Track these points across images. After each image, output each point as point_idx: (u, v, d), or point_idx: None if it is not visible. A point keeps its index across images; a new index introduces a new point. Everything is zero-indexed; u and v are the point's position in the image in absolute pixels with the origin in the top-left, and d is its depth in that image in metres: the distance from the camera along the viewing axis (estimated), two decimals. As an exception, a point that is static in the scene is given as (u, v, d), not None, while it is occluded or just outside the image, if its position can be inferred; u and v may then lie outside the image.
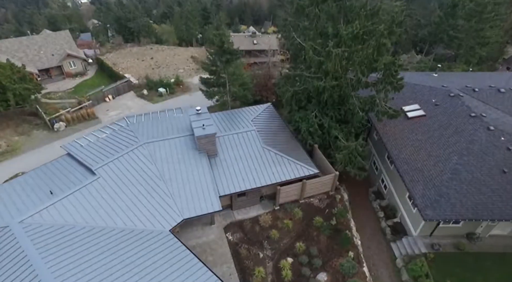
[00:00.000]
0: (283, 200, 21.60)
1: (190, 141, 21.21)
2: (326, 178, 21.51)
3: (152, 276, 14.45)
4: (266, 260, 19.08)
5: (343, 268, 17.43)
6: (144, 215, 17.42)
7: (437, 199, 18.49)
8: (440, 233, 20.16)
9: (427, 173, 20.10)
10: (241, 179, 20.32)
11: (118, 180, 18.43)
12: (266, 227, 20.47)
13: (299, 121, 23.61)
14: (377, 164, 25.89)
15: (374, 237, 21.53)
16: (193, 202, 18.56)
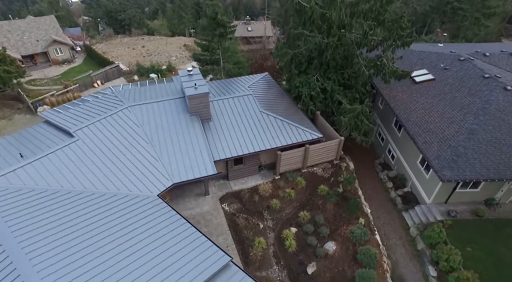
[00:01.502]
0: (284, 169, 19.71)
1: (181, 103, 19.25)
2: (330, 143, 19.68)
3: (139, 240, 12.43)
4: (267, 231, 17.16)
5: (353, 235, 15.57)
6: (128, 178, 15.42)
7: (454, 159, 16.75)
8: (456, 200, 18.42)
9: (441, 134, 18.38)
10: (238, 143, 18.41)
11: (99, 142, 16.39)
12: (266, 196, 18.55)
13: (300, 86, 21.74)
14: (382, 134, 24.15)
15: (383, 207, 19.72)
16: (184, 165, 16.58)
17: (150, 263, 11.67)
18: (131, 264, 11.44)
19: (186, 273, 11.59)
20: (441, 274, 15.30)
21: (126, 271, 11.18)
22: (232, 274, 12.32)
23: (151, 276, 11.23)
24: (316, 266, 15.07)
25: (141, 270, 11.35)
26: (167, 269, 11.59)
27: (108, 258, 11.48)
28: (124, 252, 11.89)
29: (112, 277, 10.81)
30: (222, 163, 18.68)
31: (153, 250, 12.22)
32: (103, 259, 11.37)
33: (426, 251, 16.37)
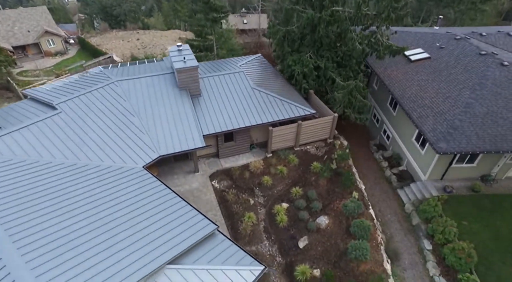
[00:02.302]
0: (276, 146, 19.19)
1: (171, 78, 18.70)
2: (324, 119, 19.19)
3: (121, 207, 11.87)
4: (258, 207, 16.63)
5: (346, 208, 15.06)
6: (113, 150, 14.86)
7: (450, 131, 16.30)
8: (452, 176, 17.97)
9: (436, 108, 17.94)
10: (228, 118, 17.88)
11: (83, 115, 15.81)
12: (257, 173, 18.03)
13: (292, 65, 21.25)
14: (378, 115, 23.70)
15: (378, 185, 19.24)
16: (172, 138, 16.04)
17: (132, 229, 11.12)
18: (113, 232, 10.88)
19: (170, 239, 11.06)
20: (436, 247, 14.82)
21: (110, 241, 10.61)
22: (218, 243, 11.81)
23: (133, 241, 10.68)
24: (308, 240, 14.56)
25: (122, 236, 10.80)
26: (151, 235, 11.06)
27: (90, 228, 10.90)
28: (106, 221, 11.32)
29: (96, 248, 10.23)
30: (212, 139, 18.16)
31: (136, 217, 11.68)
32: (85, 230, 10.78)
33: (421, 226, 15.90)
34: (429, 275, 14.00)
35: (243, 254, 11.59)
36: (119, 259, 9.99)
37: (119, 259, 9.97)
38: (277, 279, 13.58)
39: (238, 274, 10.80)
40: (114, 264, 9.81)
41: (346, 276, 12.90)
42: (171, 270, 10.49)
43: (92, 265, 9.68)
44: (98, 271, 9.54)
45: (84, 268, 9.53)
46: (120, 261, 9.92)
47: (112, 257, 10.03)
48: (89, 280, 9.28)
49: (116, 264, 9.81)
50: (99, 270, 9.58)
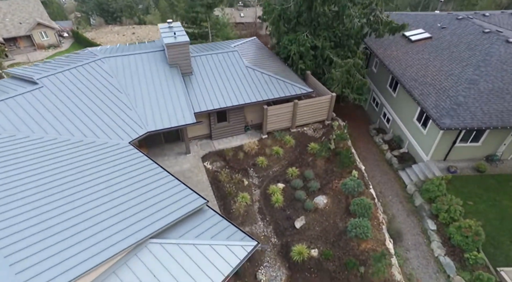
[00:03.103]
0: (272, 127, 18.33)
1: (161, 56, 17.81)
2: (321, 99, 18.34)
3: (105, 186, 10.91)
4: (252, 188, 15.76)
5: (346, 187, 14.20)
6: (97, 125, 13.96)
7: (454, 107, 15.50)
8: (456, 157, 17.17)
9: (438, 85, 17.14)
10: (221, 96, 17.01)
11: (67, 90, 14.88)
12: (251, 154, 17.16)
13: (288, 45, 20.42)
14: (377, 98, 22.91)
15: (378, 167, 18.43)
16: (161, 114, 15.16)
17: (113, 202, 10.22)
18: (92, 205, 9.98)
19: (154, 212, 10.17)
20: (440, 227, 14.00)
21: (88, 213, 9.71)
22: (207, 218, 10.94)
23: (113, 214, 9.78)
24: (305, 220, 13.69)
25: (102, 208, 9.90)
26: (133, 208, 10.15)
27: (67, 201, 9.97)
28: (85, 194, 10.41)
29: (70, 220, 9.29)
30: (204, 119, 17.29)
31: (117, 190, 10.77)
32: (61, 203, 9.86)
33: (425, 206, 15.07)
34: (434, 256, 13.16)
35: (234, 229, 10.72)
36: (95, 232, 9.07)
37: (95, 232, 9.06)
38: (272, 259, 12.71)
39: (229, 249, 9.93)
40: (89, 237, 8.90)
41: (345, 256, 12.04)
42: (154, 244, 9.59)
43: (66, 237, 8.77)
44: (70, 244, 8.63)
45: (56, 241, 8.62)
46: (96, 235, 9.01)
47: (89, 230, 9.11)
48: (63, 251, 8.38)
49: (91, 238, 8.90)
50: (72, 243, 8.67)
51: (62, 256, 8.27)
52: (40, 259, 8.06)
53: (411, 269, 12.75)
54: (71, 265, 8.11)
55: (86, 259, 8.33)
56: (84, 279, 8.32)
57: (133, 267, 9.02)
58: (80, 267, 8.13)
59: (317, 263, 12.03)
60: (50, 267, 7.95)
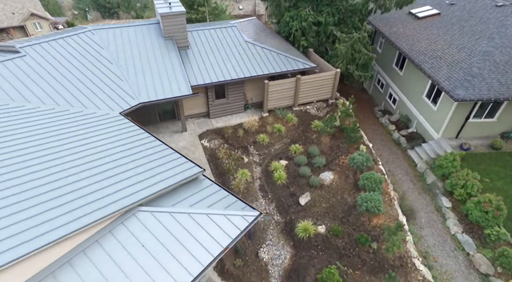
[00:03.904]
0: (273, 105, 17.30)
1: (155, 28, 16.75)
2: (325, 74, 17.32)
3: (91, 153, 9.84)
4: (253, 166, 14.72)
5: (354, 161, 13.17)
6: (85, 95, 12.89)
7: (468, 79, 14.52)
8: (468, 134, 16.18)
9: (450, 59, 16.17)
10: (219, 70, 15.97)
11: (52, 60, 13.79)
12: (252, 131, 16.12)
13: (290, 21, 19.41)
14: (382, 80, 21.92)
15: (386, 147, 17.43)
16: (154, 86, 14.12)
17: (98, 169, 9.16)
18: (75, 170, 8.91)
19: (143, 179, 9.12)
20: (456, 204, 13.00)
21: (69, 179, 8.64)
22: (204, 187, 9.89)
23: (97, 180, 8.72)
24: (310, 196, 12.65)
25: (85, 174, 8.84)
26: (120, 175, 9.10)
27: (46, 166, 8.88)
28: (65, 160, 9.33)
29: (48, 185, 8.23)
30: (201, 96, 16.26)
31: (104, 157, 9.72)
32: (40, 167, 8.79)
33: (438, 183, 14.07)
34: (450, 233, 12.14)
35: (234, 199, 9.68)
36: (75, 197, 7.99)
37: (75, 198, 7.97)
38: (274, 237, 11.66)
39: (228, 219, 8.87)
40: (68, 202, 7.83)
41: (356, 232, 11.01)
42: (144, 213, 8.53)
43: (43, 201, 7.70)
44: (48, 208, 7.56)
45: (32, 204, 7.56)
46: (76, 200, 7.93)
47: (69, 195, 8.05)
48: (41, 214, 7.32)
49: (71, 203, 7.82)
50: (51, 207, 7.61)
51: (38, 219, 7.22)
52: (17, 220, 7.04)
53: (426, 247, 11.73)
54: (47, 229, 7.06)
55: (64, 223, 7.27)
56: (62, 246, 7.27)
57: (118, 235, 7.96)
58: (58, 231, 7.07)
59: (324, 240, 11.00)
60: (27, 228, 6.92)
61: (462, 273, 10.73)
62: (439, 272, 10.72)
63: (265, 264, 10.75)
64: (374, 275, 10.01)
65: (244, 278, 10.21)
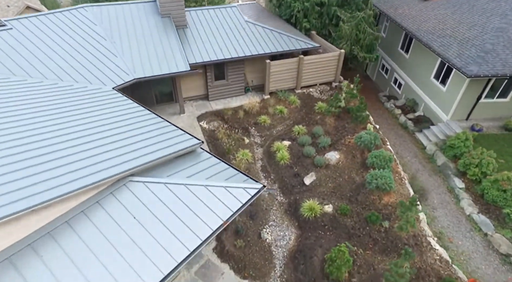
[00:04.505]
0: (275, 87, 16.56)
1: (151, 7, 16.00)
2: (329, 55, 16.59)
3: (80, 123, 9.07)
4: (254, 147, 13.97)
5: (361, 140, 12.44)
6: (76, 70, 12.16)
7: (481, 55, 13.82)
8: (479, 115, 15.47)
9: (460, 37, 15.47)
10: (218, 48, 15.23)
11: (41, 33, 13.04)
12: (253, 113, 15.38)
13: (292, 2, 18.70)
14: (386, 65, 21.21)
15: (392, 130, 16.71)
16: (150, 61, 13.39)
17: (88, 138, 8.39)
18: (60, 139, 8.14)
19: (136, 149, 8.36)
20: (470, 185, 12.27)
21: (54, 147, 7.87)
22: (202, 159, 9.14)
23: (85, 149, 7.95)
24: (316, 176, 11.89)
25: (73, 142, 8.07)
26: (112, 144, 8.33)
27: (31, 133, 8.10)
28: (50, 129, 8.57)
29: (44, 156, 7.45)
30: (200, 77, 15.52)
31: (94, 127, 8.96)
32: (25, 134, 8.03)
33: (449, 164, 13.34)
34: (465, 214, 11.40)
35: (234, 172, 8.94)
36: (57, 165, 7.20)
37: (56, 166, 7.18)
38: (278, 218, 10.90)
39: (228, 192, 8.10)
40: (50, 169, 7.06)
41: (365, 211, 10.25)
42: (135, 183, 7.76)
43: (24, 167, 6.93)
44: (29, 174, 6.80)
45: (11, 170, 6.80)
46: (59, 168, 7.14)
47: (51, 163, 7.27)
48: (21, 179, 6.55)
49: (53, 170, 7.04)
50: (31, 173, 6.84)
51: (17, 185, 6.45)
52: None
53: (440, 227, 10.98)
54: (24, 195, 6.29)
55: (42, 191, 6.49)
56: (44, 214, 6.51)
57: (107, 206, 7.19)
58: (37, 197, 6.30)
59: (332, 219, 10.24)
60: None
61: (481, 254, 9.98)
62: (455, 253, 9.98)
63: (268, 245, 9.99)
64: (386, 255, 9.26)
65: (246, 259, 9.45)
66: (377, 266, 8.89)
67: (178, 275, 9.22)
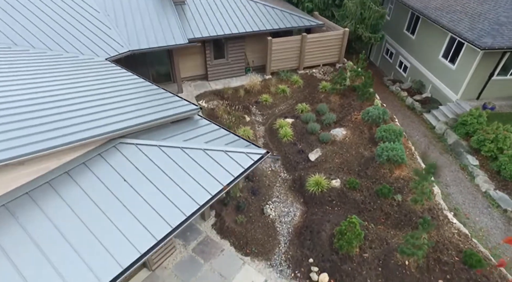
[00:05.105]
0: (277, 66, 15.89)
1: (146, -18, 15.33)
2: (333, 34, 15.92)
3: (69, 87, 8.37)
4: (255, 125, 13.27)
5: (369, 115, 11.75)
6: (66, 40, 11.47)
7: (495, 28, 13.17)
8: (492, 93, 14.80)
9: (471, 12, 14.83)
10: (218, 24, 14.54)
11: (27, 3, 12.31)
12: (254, 92, 14.70)
13: (294, -19, 18.10)
14: (391, 49, 20.55)
15: (399, 112, 16.03)
16: (146, 34, 12.72)
17: (77, 99, 7.69)
18: (50, 102, 7.44)
19: (129, 111, 7.67)
20: (484, 162, 11.59)
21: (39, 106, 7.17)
22: (200, 125, 8.45)
23: (74, 109, 7.25)
24: (321, 152, 11.19)
25: (62, 102, 7.38)
26: (103, 106, 7.63)
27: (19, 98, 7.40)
28: (44, 92, 7.86)
29: (28, 114, 6.76)
30: (199, 55, 14.86)
31: (84, 91, 8.26)
32: (16, 98, 7.33)
33: (461, 142, 12.65)
34: (481, 191, 10.71)
35: (236, 137, 8.23)
36: (40, 123, 6.51)
37: (40, 123, 6.49)
38: (282, 194, 10.19)
39: (228, 156, 7.40)
40: (33, 126, 6.36)
41: (375, 185, 9.55)
42: (126, 145, 7.05)
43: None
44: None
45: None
46: (42, 125, 6.45)
47: (35, 120, 6.57)
48: None
49: (35, 127, 6.35)
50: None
51: None
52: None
53: (455, 204, 10.29)
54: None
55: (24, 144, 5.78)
56: (26, 172, 5.81)
57: (95, 168, 6.47)
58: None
59: (340, 194, 9.53)
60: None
61: (500, 230, 9.29)
62: (473, 229, 9.28)
63: (272, 221, 9.27)
64: (400, 229, 8.55)
65: (248, 235, 8.73)
66: (391, 241, 8.18)
67: (175, 251, 8.51)
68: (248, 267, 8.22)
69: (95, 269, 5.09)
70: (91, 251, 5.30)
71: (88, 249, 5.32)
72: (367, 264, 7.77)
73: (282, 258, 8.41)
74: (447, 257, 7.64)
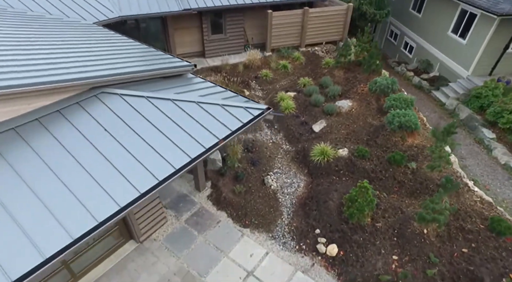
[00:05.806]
0: (277, 43, 15.10)
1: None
2: (336, 9, 15.15)
3: (61, 41, 7.56)
4: (256, 99, 12.43)
5: (377, 85, 10.95)
6: (49, 2, 10.61)
7: (510, -5, 12.40)
8: (505, 68, 13.99)
9: (482, -17, 14.06)
10: (215, -4, 13.75)
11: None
12: (253, 67, 13.91)
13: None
14: (395, 30, 19.78)
15: (407, 91, 14.87)
16: (138, 0, 11.88)
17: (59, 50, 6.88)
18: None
19: (115, 63, 6.85)
20: (502, 135, 10.80)
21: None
22: (195, 82, 7.64)
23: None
24: (326, 123, 10.38)
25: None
26: (99, 58, 6.82)
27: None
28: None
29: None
30: (195, 29, 14.06)
31: (71, 44, 7.45)
32: None
33: (475, 116, 11.86)
34: (500, 163, 9.93)
35: (233, 93, 7.42)
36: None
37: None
38: (284, 166, 9.37)
39: (225, 110, 6.58)
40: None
41: (386, 153, 8.73)
42: (110, 95, 6.22)
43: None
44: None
45: None
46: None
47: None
48: None
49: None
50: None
51: None
52: None
53: (473, 175, 9.48)
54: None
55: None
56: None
57: (71, 116, 5.65)
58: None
59: (347, 163, 8.71)
60: None
61: (525, 201, 8.51)
62: (495, 200, 8.47)
63: (274, 192, 8.45)
64: (415, 198, 7.73)
65: (247, 206, 7.91)
66: (406, 209, 7.35)
67: (165, 222, 7.66)
68: (247, 239, 7.39)
69: (67, 226, 4.29)
70: (65, 205, 4.51)
71: (62, 204, 4.52)
72: (381, 234, 6.94)
73: (285, 229, 7.58)
74: (471, 225, 6.82)
